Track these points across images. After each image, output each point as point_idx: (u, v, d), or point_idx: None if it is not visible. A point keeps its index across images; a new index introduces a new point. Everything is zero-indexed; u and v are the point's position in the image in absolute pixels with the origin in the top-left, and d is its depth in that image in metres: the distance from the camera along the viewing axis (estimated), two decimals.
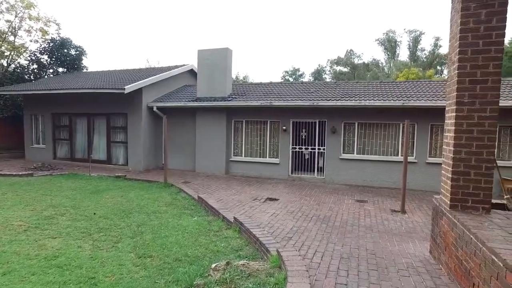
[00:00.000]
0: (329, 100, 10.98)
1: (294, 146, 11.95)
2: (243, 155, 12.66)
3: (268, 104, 11.43)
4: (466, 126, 4.11)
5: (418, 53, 49.86)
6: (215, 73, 12.92)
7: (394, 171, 10.58)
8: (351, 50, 55.56)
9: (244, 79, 49.02)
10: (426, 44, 62.32)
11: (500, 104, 4.10)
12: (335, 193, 9.68)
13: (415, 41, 49.90)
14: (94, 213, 6.62)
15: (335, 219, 7.03)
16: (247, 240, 5.38)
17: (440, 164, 10.68)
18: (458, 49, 4.12)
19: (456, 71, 4.14)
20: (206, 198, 8.13)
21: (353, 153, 11.20)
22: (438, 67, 48.07)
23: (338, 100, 10.87)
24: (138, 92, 12.80)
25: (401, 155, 10.62)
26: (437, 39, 48.91)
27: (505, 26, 3.99)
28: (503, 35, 4.00)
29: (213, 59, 12.95)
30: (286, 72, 59.80)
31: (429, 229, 6.50)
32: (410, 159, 10.09)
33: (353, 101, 10.60)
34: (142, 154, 13.13)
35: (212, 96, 12.82)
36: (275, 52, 74.66)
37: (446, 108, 4.54)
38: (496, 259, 2.81)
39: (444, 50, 48.48)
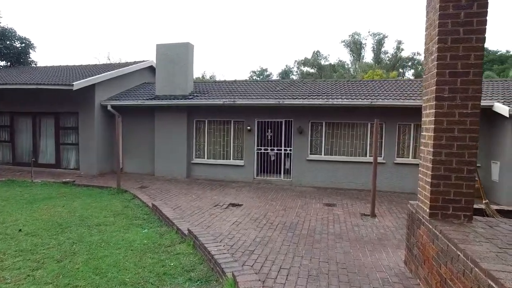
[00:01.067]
0: (295, 98, 10.46)
1: (260, 147, 11.33)
2: (205, 157, 11.87)
3: (232, 102, 10.74)
4: (447, 124, 3.65)
5: (382, 55, 51.20)
6: (175, 69, 12.03)
7: (363, 172, 10.25)
8: (317, 51, 56.07)
9: (210, 78, 48.01)
10: (389, 47, 64.28)
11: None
12: (303, 197, 9.16)
13: (379, 43, 51.20)
14: (20, 230, 5.56)
15: (302, 226, 6.47)
16: (201, 257, 4.65)
17: (408, 164, 10.69)
18: (437, 38, 3.65)
19: (435, 62, 3.67)
20: (161, 205, 7.31)
21: (321, 154, 10.76)
22: (401, 70, 49.60)
23: (305, 98, 10.38)
24: (91, 89, 11.66)
25: (370, 156, 10.31)
26: (399, 42, 50.53)
27: (486, 12, 3.57)
28: (485, 23, 3.57)
29: (172, 54, 12.05)
30: (254, 72, 59.42)
31: (401, 235, 6.10)
32: (378, 159, 9.78)
33: (320, 100, 10.16)
34: (95, 157, 11.99)
35: (172, 94, 11.93)
36: (242, 52, 74.12)
37: (423, 105, 4.07)
38: (496, 286, 2.29)
39: (406, 53, 50.17)
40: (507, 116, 8.55)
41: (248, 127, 11.12)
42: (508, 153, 8.76)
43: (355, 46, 52.28)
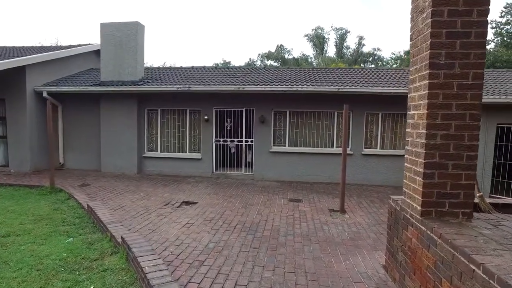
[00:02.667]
0: (257, 84, 9.54)
1: (218, 139, 10.32)
2: (159, 150, 10.67)
3: (186, 89, 9.61)
4: (443, 98, 2.89)
5: (344, 50, 51.70)
6: (124, 52, 10.68)
7: (329, 165, 9.58)
8: (281, 45, 55.61)
9: None
10: (351, 42, 65.09)
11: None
12: (266, 192, 8.31)
13: (341, 38, 51.64)
14: None
15: (264, 226, 5.60)
16: (134, 274, 3.61)
17: (376, 155, 10.07)
18: None
19: (429, 20, 2.88)
20: (97, 206, 6.11)
21: (285, 146, 9.95)
22: (362, 65, 50.36)
23: (267, 84, 9.49)
24: (20, 72, 10.00)
25: (337, 147, 9.66)
26: (361, 38, 51.28)
27: None
28: None
29: (120, 35, 10.68)
30: (216, 64, 57.79)
31: (375, 233, 5.41)
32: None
33: (284, 86, 9.32)
34: (29, 152, 10.36)
35: (120, 80, 10.59)
36: (205, 44, 72.00)
37: (411, 77, 3.29)
38: None
39: (367, 49, 51.02)
40: None
41: (206, 117, 10.06)
42: None
43: (318, 41, 52.31)
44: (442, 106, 2.89)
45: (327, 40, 52.54)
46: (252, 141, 10.05)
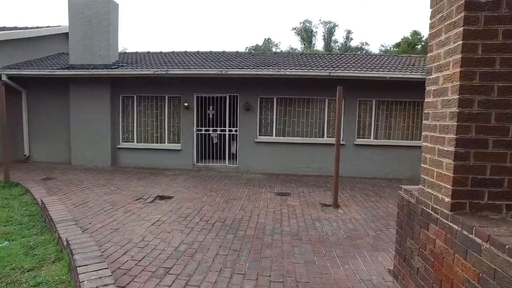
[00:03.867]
0: (241, 68, 8.70)
1: (200, 128, 9.44)
2: (135, 140, 9.73)
3: (164, 72, 8.70)
4: (483, 51, 2.14)
5: (332, 44, 51.18)
6: (95, 32, 9.66)
7: (320, 156, 8.84)
8: (269, 38, 54.80)
9: None
10: (339, 36, 64.69)
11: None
12: (250, 185, 7.53)
13: (330, 32, 51.11)
14: None
15: (247, 224, 4.82)
16: None
17: (369, 146, 9.16)
18: None
19: None
20: (52, 202, 5.20)
21: (272, 135, 9.16)
22: None
23: (252, 68, 8.66)
24: None
25: (328, 137, 8.94)
26: (349, 32, 50.89)
27: None
28: None
29: (90, 13, 9.64)
30: None
31: (374, 230, 4.70)
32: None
33: (271, 70, 8.50)
34: None
35: (92, 64, 9.58)
36: (192, 38, 70.49)
37: (432, 31, 2.53)
38: None
39: (354, 43, 50.63)
40: None
41: (186, 104, 9.17)
42: None
43: (306, 34, 51.68)
44: (481, 62, 2.14)
45: (315, 34, 52.00)
46: (236, 131, 9.22)
